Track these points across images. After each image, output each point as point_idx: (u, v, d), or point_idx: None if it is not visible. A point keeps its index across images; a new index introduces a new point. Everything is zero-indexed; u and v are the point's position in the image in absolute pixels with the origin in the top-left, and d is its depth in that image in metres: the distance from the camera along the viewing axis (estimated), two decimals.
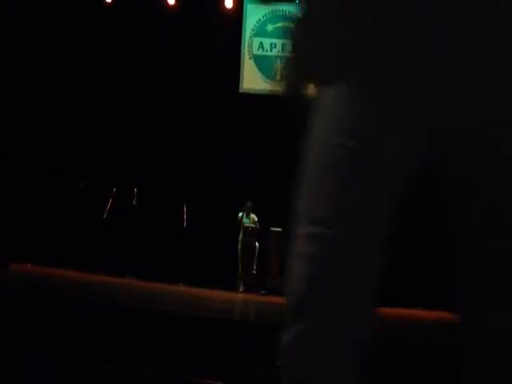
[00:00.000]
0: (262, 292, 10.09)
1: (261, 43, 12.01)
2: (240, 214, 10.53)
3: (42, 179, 10.66)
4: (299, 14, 1.24)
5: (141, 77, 11.38)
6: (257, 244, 10.45)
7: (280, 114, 10.76)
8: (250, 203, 10.49)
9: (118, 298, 5.75)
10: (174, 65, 11.45)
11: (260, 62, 11.93)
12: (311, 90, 1.35)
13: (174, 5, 11.94)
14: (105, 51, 11.43)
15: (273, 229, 10.44)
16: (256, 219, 10.53)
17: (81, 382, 3.19)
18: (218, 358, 3.74)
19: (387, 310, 8.93)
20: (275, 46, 11.99)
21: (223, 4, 12.00)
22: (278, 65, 11.90)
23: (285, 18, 12.11)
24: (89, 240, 10.06)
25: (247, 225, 10.39)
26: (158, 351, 3.70)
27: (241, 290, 10.12)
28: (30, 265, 9.11)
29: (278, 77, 11.85)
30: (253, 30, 12.07)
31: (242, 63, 11.91)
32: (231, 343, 3.95)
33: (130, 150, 11.11)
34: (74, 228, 9.84)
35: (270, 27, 12.05)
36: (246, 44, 12.01)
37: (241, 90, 11.78)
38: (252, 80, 11.88)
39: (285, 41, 12.00)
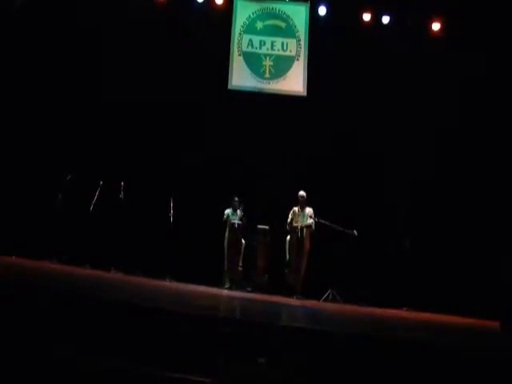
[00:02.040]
0: (248, 289, 10.12)
1: (250, 40, 12.01)
2: (227, 211, 10.53)
3: (28, 172, 10.61)
4: None
5: (127, 73, 11.35)
6: (243, 241, 10.47)
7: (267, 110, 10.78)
8: (236, 199, 10.50)
9: (102, 291, 5.74)
10: (162, 61, 11.43)
11: (249, 58, 11.94)
12: None
13: (164, 0, 11.91)
14: (94, 47, 11.39)
15: (260, 226, 10.46)
16: (243, 216, 10.54)
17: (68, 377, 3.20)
18: (204, 354, 3.76)
19: (377, 311, 9.01)
20: (264, 43, 12.00)
21: (213, 0, 12.00)
22: (267, 62, 11.91)
23: (274, 15, 12.11)
24: (75, 233, 10.04)
25: (234, 221, 10.40)
26: (145, 346, 3.72)
27: (227, 286, 10.14)
28: (14, 257, 9.09)
29: (267, 74, 11.86)
30: (242, 27, 12.06)
31: (231, 60, 11.91)
32: (216, 340, 3.97)
33: (118, 144, 11.08)
34: (60, 220, 9.81)
35: (259, 24, 12.06)
36: (236, 41, 12.01)
37: (230, 87, 11.77)
38: (241, 77, 11.88)
39: (274, 39, 12.02)
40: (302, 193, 10.21)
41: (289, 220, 10.12)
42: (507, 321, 7.44)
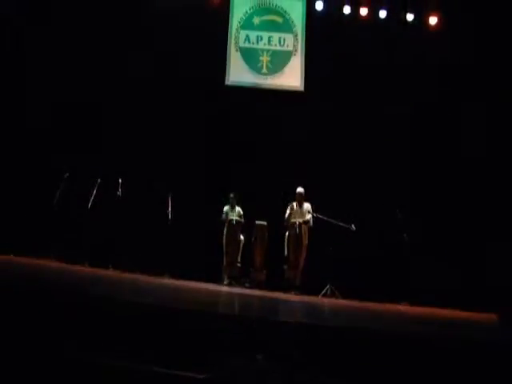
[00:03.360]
0: (246, 285, 10.11)
1: (247, 36, 11.98)
2: (225, 208, 10.52)
3: (26, 169, 10.60)
4: None
5: (123, 70, 11.33)
6: (241, 237, 10.46)
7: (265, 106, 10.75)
8: (232, 195, 10.48)
9: (101, 289, 5.73)
10: (159, 57, 11.40)
11: (246, 54, 11.91)
12: None
13: None
14: (92, 44, 11.36)
15: (258, 222, 10.44)
16: (241, 212, 10.53)
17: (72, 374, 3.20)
18: (202, 350, 3.76)
19: (375, 306, 9.00)
20: (261, 38, 11.97)
21: None
22: (264, 58, 11.89)
23: (271, 10, 12.09)
24: (73, 230, 10.02)
25: (232, 218, 10.39)
26: (144, 343, 3.71)
27: (225, 282, 10.13)
28: (12, 255, 9.08)
29: (264, 70, 11.83)
30: (239, 23, 12.03)
31: (228, 55, 11.88)
32: (215, 336, 3.97)
33: (116, 141, 11.06)
34: (59, 218, 9.79)
35: (256, 20, 12.03)
36: (233, 36, 11.98)
37: (227, 83, 11.74)
38: (238, 73, 11.86)
39: (271, 34, 11.99)
40: (300, 190, 10.20)
41: (286, 215, 10.10)
42: (505, 313, 7.47)
